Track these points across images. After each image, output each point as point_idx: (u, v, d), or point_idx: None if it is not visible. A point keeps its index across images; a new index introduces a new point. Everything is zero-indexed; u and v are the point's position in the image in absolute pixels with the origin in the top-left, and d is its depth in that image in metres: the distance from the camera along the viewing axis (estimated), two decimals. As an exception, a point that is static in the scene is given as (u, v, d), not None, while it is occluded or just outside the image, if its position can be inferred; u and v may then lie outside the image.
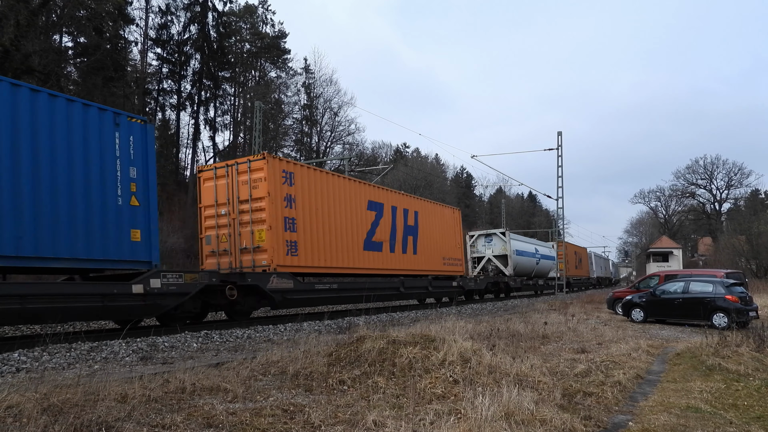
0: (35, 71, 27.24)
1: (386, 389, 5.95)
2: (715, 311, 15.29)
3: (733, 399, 6.65)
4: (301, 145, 54.64)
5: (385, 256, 18.46)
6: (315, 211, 15.26)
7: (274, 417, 4.83)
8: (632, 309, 17.28)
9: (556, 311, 18.58)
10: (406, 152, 77.95)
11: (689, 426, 5.36)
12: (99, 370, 7.05)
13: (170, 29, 45.15)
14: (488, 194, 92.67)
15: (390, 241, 18.86)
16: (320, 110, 54.85)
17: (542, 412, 5.18)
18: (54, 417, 4.28)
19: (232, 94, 51.72)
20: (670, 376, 8.07)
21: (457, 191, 79.28)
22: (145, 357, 8.22)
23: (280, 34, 53.76)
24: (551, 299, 28.21)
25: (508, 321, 13.58)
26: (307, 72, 54.65)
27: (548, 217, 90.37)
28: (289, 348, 8.04)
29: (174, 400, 5.22)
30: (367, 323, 12.33)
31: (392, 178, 54.15)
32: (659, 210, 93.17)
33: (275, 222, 13.73)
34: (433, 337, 7.58)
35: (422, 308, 19.05)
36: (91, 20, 33.51)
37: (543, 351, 9.57)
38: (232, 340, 10.41)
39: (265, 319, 15.14)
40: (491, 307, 21.64)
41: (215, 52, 46.88)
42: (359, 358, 6.88)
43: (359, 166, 52.18)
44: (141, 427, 4.32)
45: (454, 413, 5.07)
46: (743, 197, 79.75)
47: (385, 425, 4.66)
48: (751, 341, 9.76)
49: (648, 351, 10.14)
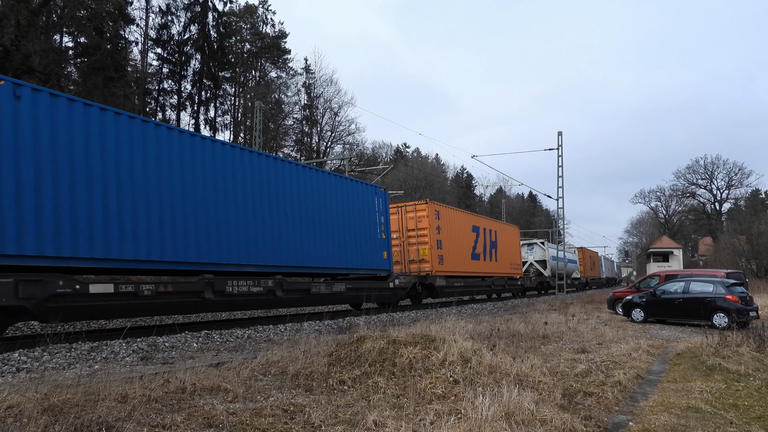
0: (36, 71, 27.25)
1: (386, 389, 5.95)
2: (715, 311, 15.29)
3: (734, 399, 6.64)
4: (302, 145, 54.67)
5: (481, 263, 25.83)
6: (450, 234, 22.44)
7: (275, 417, 4.83)
8: (632, 309, 17.28)
9: (557, 311, 18.59)
10: (407, 152, 78.00)
11: (690, 426, 5.36)
12: (99, 370, 7.06)
13: (170, 29, 45.19)
14: (488, 194, 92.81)
15: (483, 253, 26.14)
16: (320, 110, 54.93)
17: (542, 412, 5.19)
18: (54, 417, 4.28)
19: (232, 94, 51.77)
20: (670, 376, 8.07)
21: (457, 191, 79.29)
22: (146, 357, 8.23)
23: (281, 34, 53.81)
24: (551, 299, 28.22)
25: (509, 321, 13.58)
26: (308, 72, 54.71)
27: (548, 217, 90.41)
28: (290, 348, 8.04)
29: (174, 400, 5.22)
30: (367, 323, 12.35)
31: (392, 178, 54.15)
32: (659, 210, 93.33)
33: (432, 243, 20.98)
34: (433, 337, 7.58)
35: (422, 308, 19.21)
36: (92, 20, 33.52)
37: (543, 351, 9.57)
38: (233, 340, 10.41)
39: (266, 319, 15.16)
40: (491, 307, 21.64)
41: (215, 52, 46.91)
42: (359, 358, 6.88)
43: (359, 166, 52.19)
44: (141, 427, 4.32)
45: (455, 413, 5.07)
46: (744, 197, 79.92)
47: (385, 425, 4.66)
48: (751, 341, 9.76)
49: (648, 351, 10.13)
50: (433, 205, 21.58)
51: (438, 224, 21.50)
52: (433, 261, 20.75)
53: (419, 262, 20.69)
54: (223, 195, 12.21)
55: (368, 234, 17.25)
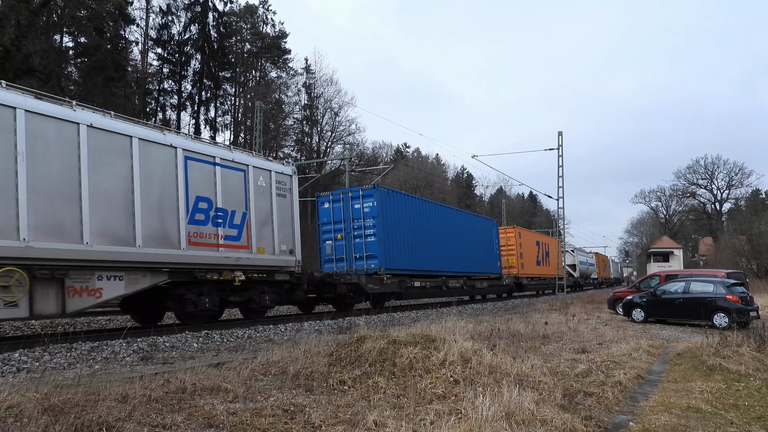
0: (36, 71, 27.26)
1: (387, 389, 5.95)
2: (715, 311, 15.28)
3: (734, 399, 6.64)
4: (302, 145, 54.65)
5: (541, 267, 36.01)
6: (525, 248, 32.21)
7: (275, 417, 4.83)
8: (633, 309, 17.27)
9: (557, 311, 18.57)
10: (407, 152, 77.93)
11: (690, 426, 5.36)
12: (100, 370, 7.06)
13: (171, 29, 45.23)
14: (489, 194, 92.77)
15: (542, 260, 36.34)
16: (321, 110, 54.87)
17: (543, 413, 5.18)
18: (55, 417, 4.28)
19: (232, 94, 51.78)
20: (670, 376, 8.06)
21: (457, 191, 79.25)
22: (146, 357, 8.23)
23: (281, 34, 53.81)
24: (552, 299, 28.23)
25: (509, 321, 13.57)
26: (308, 72, 54.67)
27: (549, 217, 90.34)
28: (290, 348, 8.04)
29: (175, 400, 5.22)
30: (367, 323, 12.35)
31: (393, 178, 54.12)
32: (660, 210, 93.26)
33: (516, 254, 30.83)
34: (433, 337, 7.57)
35: (422, 308, 19.21)
36: (92, 20, 33.54)
37: (543, 351, 9.56)
38: (233, 340, 10.41)
39: (266, 319, 15.16)
40: (492, 307, 21.63)
41: (216, 52, 46.92)
42: (360, 358, 6.88)
43: (360, 166, 52.18)
44: (142, 427, 4.32)
45: (455, 413, 5.07)
46: (744, 197, 79.86)
47: (385, 425, 4.66)
48: (751, 341, 9.75)
49: (649, 351, 10.13)
50: (516, 229, 32.41)
51: (519, 242, 31.19)
52: (518, 267, 30.77)
53: (509, 267, 30.14)
54: (438, 232, 21.75)
55: (490, 251, 27.02)
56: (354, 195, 18.03)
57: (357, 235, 17.72)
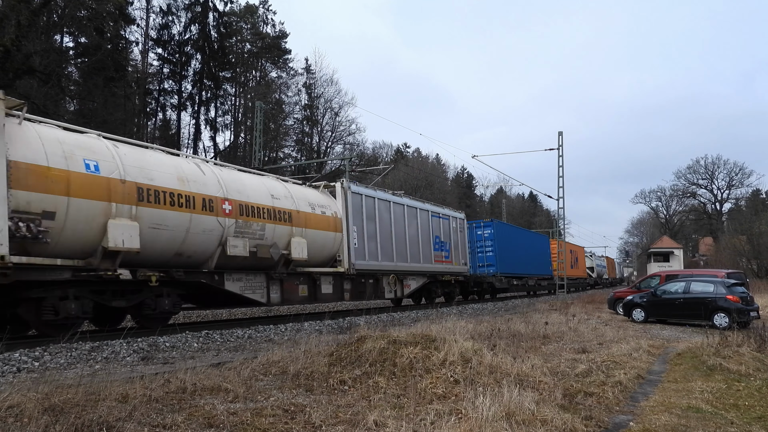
0: (36, 71, 27.27)
1: (387, 389, 5.95)
2: (716, 311, 15.28)
3: (734, 399, 6.64)
4: (302, 145, 54.65)
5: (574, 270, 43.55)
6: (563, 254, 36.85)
7: (275, 417, 4.83)
8: (633, 309, 17.26)
9: (557, 311, 18.56)
10: (407, 152, 77.85)
11: (690, 426, 5.36)
12: (100, 370, 7.06)
13: (171, 29, 45.22)
14: (489, 194, 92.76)
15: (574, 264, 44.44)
16: (321, 110, 54.81)
17: (543, 412, 5.18)
18: (55, 417, 4.28)
19: (232, 94, 51.78)
20: (671, 376, 8.06)
21: (458, 191, 79.22)
22: (146, 357, 8.22)
23: (281, 34, 53.79)
24: (552, 299, 28.22)
25: (509, 321, 13.56)
26: (308, 72, 54.63)
27: (549, 217, 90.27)
28: (290, 348, 8.04)
29: (175, 400, 5.22)
30: (367, 323, 12.34)
31: (393, 178, 54.12)
32: (660, 210, 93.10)
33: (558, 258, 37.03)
34: (433, 337, 7.57)
35: (423, 308, 19.24)
36: (92, 20, 33.51)
37: (544, 351, 9.56)
38: (233, 340, 10.41)
39: (266, 319, 15.17)
40: (492, 307, 21.62)
41: (216, 52, 46.91)
42: (360, 358, 6.87)
43: (360, 166, 52.16)
44: (142, 427, 4.32)
45: (455, 413, 5.07)
46: (744, 197, 79.72)
47: (385, 425, 4.66)
48: (752, 341, 9.76)
49: (649, 351, 10.13)
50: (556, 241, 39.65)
51: (558, 249, 37.61)
52: (559, 269, 36.85)
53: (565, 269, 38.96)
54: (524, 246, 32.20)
55: (546, 259, 36.95)
56: (477, 225, 28.55)
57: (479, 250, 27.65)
